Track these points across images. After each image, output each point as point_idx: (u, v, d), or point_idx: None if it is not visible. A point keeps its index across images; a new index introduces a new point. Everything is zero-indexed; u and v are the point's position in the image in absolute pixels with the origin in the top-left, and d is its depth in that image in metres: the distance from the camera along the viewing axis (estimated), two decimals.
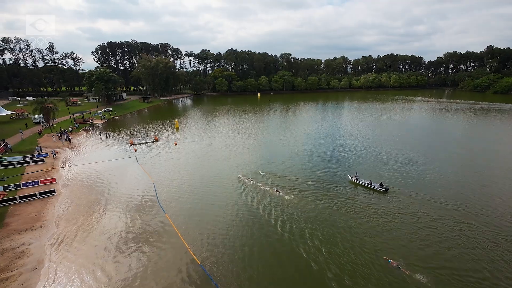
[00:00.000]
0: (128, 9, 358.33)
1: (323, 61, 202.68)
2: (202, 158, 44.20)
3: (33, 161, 41.26)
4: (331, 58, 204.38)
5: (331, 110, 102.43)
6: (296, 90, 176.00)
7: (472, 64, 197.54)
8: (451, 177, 35.64)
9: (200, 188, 32.41)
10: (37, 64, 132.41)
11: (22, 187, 32.62)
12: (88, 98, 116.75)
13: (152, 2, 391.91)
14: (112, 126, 72.10)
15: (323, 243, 22.01)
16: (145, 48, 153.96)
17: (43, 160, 42.05)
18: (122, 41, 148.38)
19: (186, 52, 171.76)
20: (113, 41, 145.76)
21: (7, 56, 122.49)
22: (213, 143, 53.25)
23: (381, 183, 31.96)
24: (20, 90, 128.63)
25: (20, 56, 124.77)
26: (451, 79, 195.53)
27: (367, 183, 32.51)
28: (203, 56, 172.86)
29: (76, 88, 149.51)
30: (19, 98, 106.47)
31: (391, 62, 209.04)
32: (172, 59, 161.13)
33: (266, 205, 28.28)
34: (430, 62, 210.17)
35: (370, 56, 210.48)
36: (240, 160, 42.41)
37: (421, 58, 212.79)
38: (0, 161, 40.21)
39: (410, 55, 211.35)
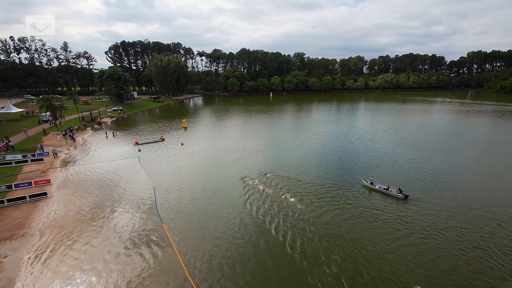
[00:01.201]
0: (144, 13, 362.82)
1: (338, 61, 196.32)
2: (209, 160, 40.78)
3: (31, 160, 39.17)
4: (346, 58, 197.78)
5: (347, 111, 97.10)
6: (309, 91, 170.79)
7: (498, 64, 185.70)
8: (491, 184, 30.46)
9: (203, 195, 28.82)
10: (51, 63, 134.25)
11: (14, 188, 30.20)
12: (100, 97, 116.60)
13: (167, 5, 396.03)
14: (120, 125, 70.34)
15: (340, 268, 17.88)
16: (157, 47, 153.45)
17: (42, 159, 39.92)
18: (135, 40, 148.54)
19: (198, 52, 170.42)
20: (126, 41, 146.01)
21: (23, 55, 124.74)
22: (221, 144, 49.83)
23: (399, 189, 28.22)
24: (36, 89, 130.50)
25: (35, 55, 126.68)
26: (476, 79, 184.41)
27: (384, 189, 28.97)
28: (215, 56, 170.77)
29: (90, 88, 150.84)
30: (33, 97, 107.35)
31: (409, 62, 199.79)
32: (184, 58, 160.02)
33: (272, 216, 24.34)
34: (452, 62, 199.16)
35: (387, 55, 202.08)
36: (249, 163, 38.65)
37: (442, 58, 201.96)
38: None
39: (430, 54, 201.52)
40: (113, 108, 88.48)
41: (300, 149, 46.07)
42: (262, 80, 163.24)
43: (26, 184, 30.90)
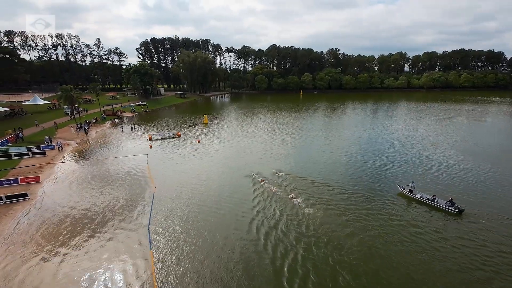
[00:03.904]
0: (179, 16, 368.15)
1: (376, 57, 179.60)
2: (224, 164, 33.33)
3: (33, 153, 35.32)
4: (385, 54, 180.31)
5: (392, 111, 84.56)
6: (343, 89, 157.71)
7: None
8: None
9: (209, 216, 21.08)
10: (85, 59, 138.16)
11: None
12: (128, 92, 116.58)
13: (201, 8, 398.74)
14: (141, 120, 66.97)
15: None
16: (186, 43, 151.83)
17: (44, 153, 35.97)
18: (164, 37, 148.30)
19: (226, 48, 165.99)
20: (156, 37, 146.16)
21: (59, 51, 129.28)
22: (241, 145, 42.70)
23: (451, 200, 21.34)
24: (72, 85, 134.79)
25: (71, 51, 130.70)
26: None
27: (428, 199, 22.35)
28: (244, 52, 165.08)
29: (123, 85, 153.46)
30: None
31: (460, 58, 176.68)
32: (212, 55, 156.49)
33: (295, 257, 16.38)
34: None
35: (433, 51, 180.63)
36: (272, 169, 30.61)
37: (502, 54, 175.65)
38: (0, 151, 35.10)
39: (486, 50, 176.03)
40: (136, 103, 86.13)
41: (335, 155, 37.32)
42: (292, 78, 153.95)
43: (12, 182, 26.35)
